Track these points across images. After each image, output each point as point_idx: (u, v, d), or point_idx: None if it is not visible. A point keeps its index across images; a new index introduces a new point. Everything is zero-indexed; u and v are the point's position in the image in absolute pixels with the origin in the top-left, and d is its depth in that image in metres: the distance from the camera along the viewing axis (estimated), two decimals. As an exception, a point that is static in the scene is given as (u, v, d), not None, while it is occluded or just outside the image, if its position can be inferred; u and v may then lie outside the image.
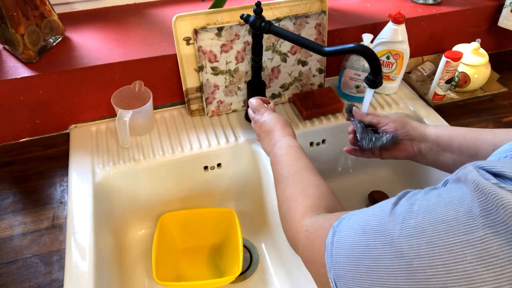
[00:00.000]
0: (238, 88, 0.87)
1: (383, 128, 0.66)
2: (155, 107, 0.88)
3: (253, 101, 0.73)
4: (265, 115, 0.69)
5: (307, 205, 0.50)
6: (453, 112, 0.91)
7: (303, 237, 0.46)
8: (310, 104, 0.88)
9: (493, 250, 0.26)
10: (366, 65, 0.85)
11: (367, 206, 0.94)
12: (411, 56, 0.93)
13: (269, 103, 0.75)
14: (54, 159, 0.81)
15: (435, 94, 0.91)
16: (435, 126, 0.64)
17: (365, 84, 0.62)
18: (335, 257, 0.37)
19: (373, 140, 0.66)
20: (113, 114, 0.87)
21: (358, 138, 0.69)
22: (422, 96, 0.94)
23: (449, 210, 0.29)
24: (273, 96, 0.91)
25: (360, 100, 0.92)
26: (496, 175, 0.28)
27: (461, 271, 0.27)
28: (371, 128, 0.69)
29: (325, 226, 0.42)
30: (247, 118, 0.87)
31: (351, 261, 0.35)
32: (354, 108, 0.70)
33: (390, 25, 0.85)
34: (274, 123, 0.67)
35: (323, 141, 0.91)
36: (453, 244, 0.28)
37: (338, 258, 0.37)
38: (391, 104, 0.92)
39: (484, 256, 0.26)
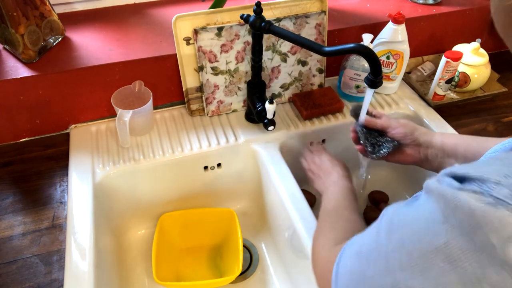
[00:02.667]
0: (238, 88, 0.87)
1: (392, 132, 0.67)
2: (155, 107, 0.88)
3: (310, 148, 0.75)
4: (325, 155, 0.72)
5: (330, 237, 0.52)
6: (453, 112, 0.91)
7: (319, 269, 0.49)
8: (310, 104, 0.88)
9: (456, 253, 0.28)
10: (366, 65, 0.85)
11: (367, 206, 0.94)
12: (411, 56, 0.93)
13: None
14: (54, 159, 0.81)
15: (435, 94, 0.91)
16: (442, 133, 0.65)
17: (365, 84, 0.62)
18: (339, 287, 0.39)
19: (374, 151, 0.68)
20: (113, 114, 0.87)
21: (361, 143, 0.69)
22: (422, 96, 0.94)
23: (421, 221, 0.31)
24: (273, 96, 0.91)
25: (360, 100, 0.92)
26: (462, 178, 0.29)
27: (435, 276, 0.29)
28: (374, 134, 0.69)
29: (332, 259, 0.43)
30: (247, 118, 0.87)
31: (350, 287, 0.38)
32: (366, 116, 0.70)
33: (390, 25, 0.85)
34: (334, 165, 0.69)
35: (323, 141, 0.91)
36: (426, 252, 0.29)
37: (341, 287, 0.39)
38: (391, 104, 0.92)
39: (450, 260, 0.28)
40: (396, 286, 0.31)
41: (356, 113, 0.71)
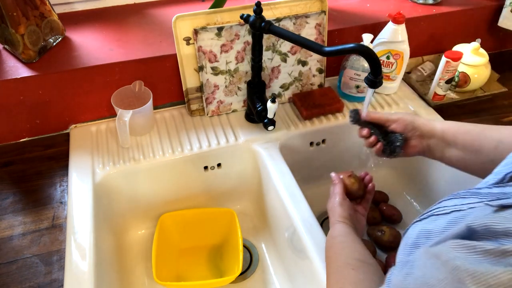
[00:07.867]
0: (238, 88, 0.87)
1: (392, 126, 0.67)
2: (155, 107, 0.88)
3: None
4: (332, 199, 0.69)
5: None
6: (453, 112, 0.91)
7: None
8: (310, 104, 0.88)
9: None
10: (366, 65, 0.85)
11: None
12: (411, 56, 0.93)
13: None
14: (54, 159, 0.81)
15: (435, 94, 0.91)
16: (442, 122, 0.65)
17: (365, 84, 0.62)
18: None
19: (391, 150, 0.67)
20: (113, 114, 0.87)
21: (379, 142, 0.68)
22: (422, 96, 0.94)
23: None
24: (273, 96, 0.91)
25: (360, 100, 0.92)
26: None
27: None
28: (382, 132, 0.68)
29: None
30: (247, 118, 0.87)
31: None
32: (369, 112, 0.68)
33: (390, 25, 0.85)
34: (332, 211, 0.67)
35: (323, 141, 0.91)
36: None
37: None
38: (391, 104, 0.92)
39: None
40: None
41: (357, 120, 0.69)
